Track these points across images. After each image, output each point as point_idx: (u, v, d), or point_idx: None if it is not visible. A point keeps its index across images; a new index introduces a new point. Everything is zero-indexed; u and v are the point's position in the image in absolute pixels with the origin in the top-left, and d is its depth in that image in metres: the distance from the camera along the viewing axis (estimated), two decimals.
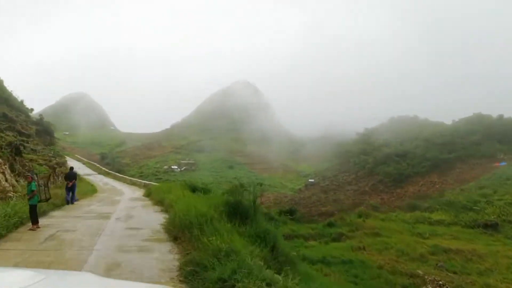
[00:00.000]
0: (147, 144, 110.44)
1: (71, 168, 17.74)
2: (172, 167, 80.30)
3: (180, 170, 78.85)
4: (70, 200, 15.63)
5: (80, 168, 44.58)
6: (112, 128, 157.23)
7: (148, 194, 21.03)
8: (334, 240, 19.62)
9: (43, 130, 39.46)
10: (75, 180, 16.42)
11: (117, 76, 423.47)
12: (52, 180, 17.65)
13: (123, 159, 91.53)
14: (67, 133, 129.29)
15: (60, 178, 19.18)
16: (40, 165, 17.89)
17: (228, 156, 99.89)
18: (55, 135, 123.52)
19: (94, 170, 44.70)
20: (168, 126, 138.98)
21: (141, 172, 79.78)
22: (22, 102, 42.76)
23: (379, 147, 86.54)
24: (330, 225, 22.67)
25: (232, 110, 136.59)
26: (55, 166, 19.15)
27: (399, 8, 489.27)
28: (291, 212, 35.21)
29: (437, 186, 66.37)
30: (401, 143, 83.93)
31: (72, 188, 15.90)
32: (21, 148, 19.48)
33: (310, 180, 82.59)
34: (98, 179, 34.85)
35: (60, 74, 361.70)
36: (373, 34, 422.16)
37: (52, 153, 28.53)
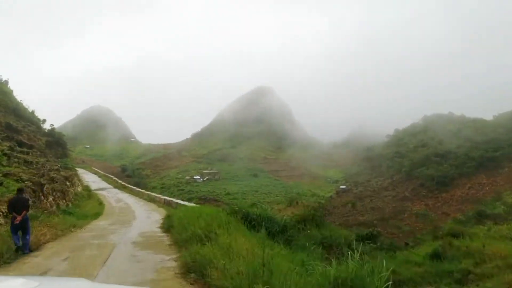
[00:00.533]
0: (167, 154, 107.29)
1: (20, 190, 9.91)
2: (195, 177, 76.31)
3: (203, 180, 74.77)
4: (22, 247, 8.78)
5: (95, 182, 40.91)
6: (132, 139, 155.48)
7: (168, 228, 12.93)
8: (459, 283, 13.32)
9: (55, 141, 36.13)
10: (27, 211, 9.11)
11: (137, 89, 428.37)
12: (40, 200, 13.49)
13: (143, 170, 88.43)
14: (88, 146, 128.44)
15: (50, 199, 14.68)
16: (20, 181, 13.50)
17: (251, 164, 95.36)
18: (76, 148, 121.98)
19: (109, 183, 40.69)
20: (188, 136, 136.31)
21: (163, 184, 76.27)
22: (33, 112, 39.71)
23: (414, 148, 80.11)
24: (437, 255, 16.22)
25: (253, 117, 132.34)
26: (45, 182, 14.90)
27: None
28: (372, 237, 24.72)
29: (487, 188, 59.63)
30: (439, 142, 77.27)
31: (23, 225, 8.87)
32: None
33: (341, 186, 76.92)
34: (111, 194, 30.58)
35: (82, 87, 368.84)
36: (387, 33, 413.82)
37: (59, 165, 24.75)
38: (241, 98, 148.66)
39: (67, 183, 21.22)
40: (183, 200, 62.92)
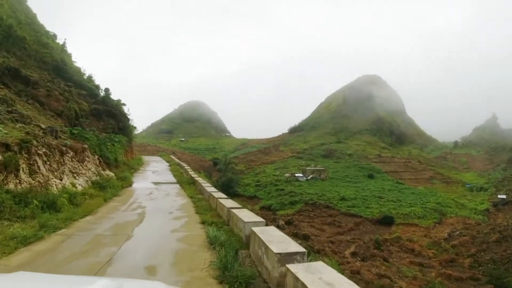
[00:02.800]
0: (263, 149, 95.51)
1: None
2: (296, 175, 62.23)
3: (307, 179, 60.24)
4: None
5: (156, 172, 28.56)
6: (227, 134, 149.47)
7: None
8: None
9: (106, 111, 25.73)
10: None
11: (238, 90, 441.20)
12: None
13: (236, 165, 77.48)
14: (183, 139, 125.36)
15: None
16: None
17: (363, 162, 77.87)
18: (172, 140, 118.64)
19: (176, 175, 26.95)
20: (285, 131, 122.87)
21: (258, 181, 63.89)
22: (90, 77, 30.55)
23: None
24: None
25: (361, 108, 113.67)
26: None
27: None
28: None
29: None
30: None
31: None
32: None
33: (500, 196, 55.29)
34: (144, 201, 15.16)
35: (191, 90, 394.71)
36: None
37: (52, 129, 13.24)
38: (345, 87, 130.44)
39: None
40: (285, 205, 48.93)
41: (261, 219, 8.11)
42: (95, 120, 23.73)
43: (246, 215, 8.52)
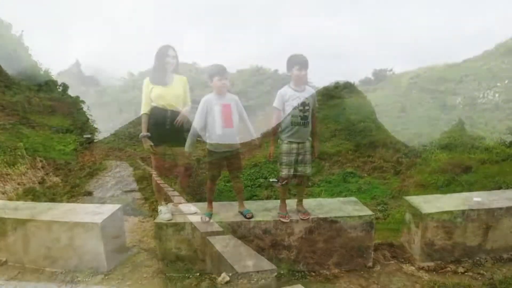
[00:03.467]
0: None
1: None
2: (271, 180, 60.50)
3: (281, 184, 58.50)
4: None
5: (116, 178, 25.72)
6: (199, 139, 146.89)
7: None
8: None
9: (62, 108, 23.78)
10: None
11: None
12: None
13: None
14: (153, 144, 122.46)
15: None
16: None
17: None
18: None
19: (138, 182, 23.96)
20: None
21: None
22: (46, 72, 28.45)
23: None
24: None
25: (331, 113, 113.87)
26: None
27: None
28: None
29: None
30: None
31: None
32: None
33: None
34: (102, 211, 10.27)
35: None
36: None
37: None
38: (316, 93, 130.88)
39: None
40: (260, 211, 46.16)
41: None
42: (48, 117, 21.40)
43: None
